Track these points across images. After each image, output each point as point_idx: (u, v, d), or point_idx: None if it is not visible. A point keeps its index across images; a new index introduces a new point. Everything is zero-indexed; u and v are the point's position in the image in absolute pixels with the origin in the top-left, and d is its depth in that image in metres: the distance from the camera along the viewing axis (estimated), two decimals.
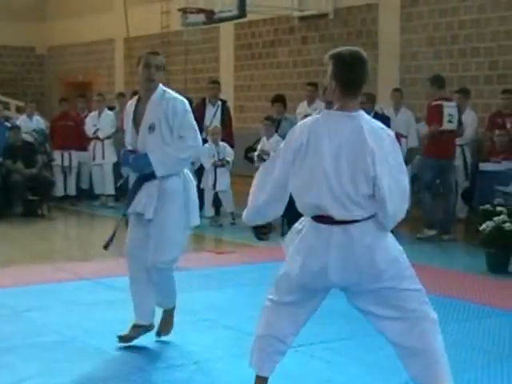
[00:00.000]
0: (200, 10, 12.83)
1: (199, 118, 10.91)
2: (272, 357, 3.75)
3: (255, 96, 11.59)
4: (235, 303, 6.26)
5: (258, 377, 3.79)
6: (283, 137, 9.37)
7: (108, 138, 12.55)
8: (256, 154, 10.02)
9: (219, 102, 11.37)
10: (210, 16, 12.72)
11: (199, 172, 10.66)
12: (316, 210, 3.48)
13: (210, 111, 11.26)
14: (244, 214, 3.77)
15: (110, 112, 12.77)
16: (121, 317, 5.44)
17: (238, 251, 8.50)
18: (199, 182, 10.66)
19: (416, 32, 11.66)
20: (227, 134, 11.01)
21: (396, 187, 3.45)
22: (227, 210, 10.51)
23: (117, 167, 12.52)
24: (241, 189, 10.87)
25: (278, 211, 3.68)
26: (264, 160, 9.87)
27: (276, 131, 10.01)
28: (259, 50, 14.52)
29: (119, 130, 12.57)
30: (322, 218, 3.47)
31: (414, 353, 3.52)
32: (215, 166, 10.42)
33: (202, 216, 10.53)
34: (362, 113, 3.50)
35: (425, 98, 10.89)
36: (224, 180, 10.51)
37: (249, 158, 10.30)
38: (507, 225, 7.32)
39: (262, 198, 3.64)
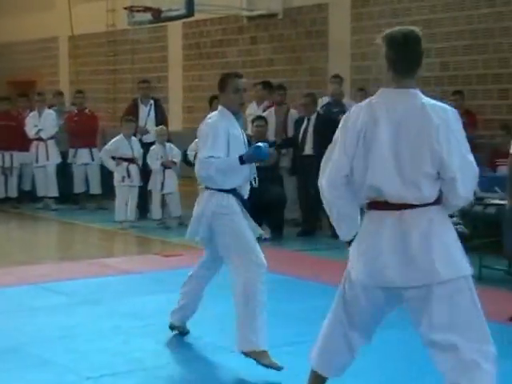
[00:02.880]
0: (147, 9, 12.68)
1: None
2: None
3: (204, 96, 11.50)
4: None
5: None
6: None
7: (51, 138, 12.31)
8: (194, 153, 10.04)
9: (151, 101, 11.34)
10: (157, 15, 12.59)
11: (146, 174, 10.55)
12: (372, 193, 3.33)
13: (143, 111, 11.25)
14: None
15: (51, 111, 12.52)
16: (64, 323, 5.31)
17: (185, 254, 8.40)
18: (146, 183, 10.57)
19: (367, 32, 11.71)
20: None
21: (466, 166, 3.30)
22: (174, 214, 10.42)
23: (61, 168, 12.32)
24: (188, 190, 10.80)
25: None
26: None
27: None
28: (208, 50, 14.44)
29: (62, 130, 12.39)
30: (379, 204, 3.32)
31: None
32: (163, 168, 10.31)
33: (149, 218, 10.56)
34: (419, 92, 3.37)
35: None
36: (171, 182, 10.41)
37: (187, 162, 10.30)
38: (459, 226, 7.36)
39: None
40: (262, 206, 9.30)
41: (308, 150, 9.73)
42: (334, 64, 12.10)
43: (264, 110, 10.74)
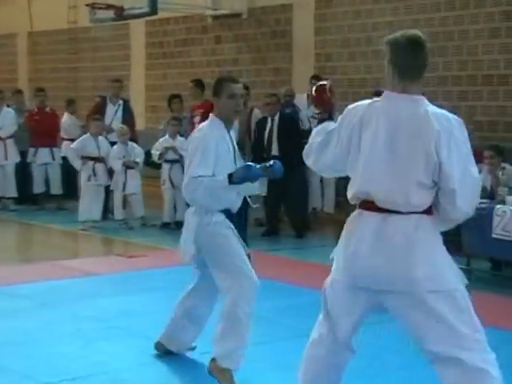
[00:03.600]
0: (109, 6, 12.62)
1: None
2: None
3: (168, 96, 11.47)
4: (146, 309, 6.13)
5: None
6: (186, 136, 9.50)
7: (10, 137, 12.14)
8: (158, 152, 10.04)
9: (121, 101, 11.29)
10: (120, 12, 12.53)
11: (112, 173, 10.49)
12: (361, 194, 3.26)
13: (110, 110, 11.18)
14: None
15: (9, 109, 12.35)
16: (23, 327, 5.26)
17: (149, 254, 8.38)
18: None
19: (330, 33, 11.80)
20: (130, 134, 10.88)
21: (467, 179, 3.17)
22: (137, 215, 10.37)
23: (20, 168, 12.16)
24: (151, 190, 10.77)
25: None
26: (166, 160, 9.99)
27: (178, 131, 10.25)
28: (171, 49, 14.40)
29: (22, 129, 12.23)
30: (367, 205, 3.24)
31: None
32: (126, 168, 10.25)
33: (111, 218, 10.49)
34: (425, 98, 3.30)
35: (340, 99, 10.99)
36: (134, 182, 10.35)
37: (150, 163, 10.28)
38: None
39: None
40: None
41: (274, 150, 9.73)
42: (298, 64, 12.16)
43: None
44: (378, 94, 11.40)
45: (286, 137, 9.67)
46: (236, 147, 4.71)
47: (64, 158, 11.70)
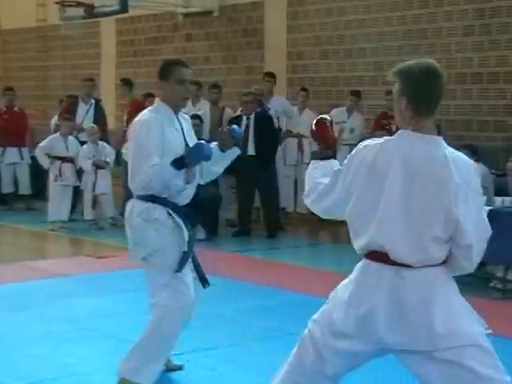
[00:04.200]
0: (79, 4, 12.56)
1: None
2: None
3: (138, 94, 11.43)
4: (116, 310, 6.10)
5: None
6: None
7: None
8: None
9: (92, 101, 11.23)
10: (90, 10, 12.47)
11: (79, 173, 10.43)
12: (373, 246, 2.99)
13: (82, 109, 11.13)
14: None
15: None
16: None
17: (119, 255, 8.31)
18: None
19: (302, 31, 11.82)
20: (102, 134, 10.83)
21: (480, 229, 3.01)
22: (107, 215, 10.32)
23: None
24: (122, 190, 10.70)
25: None
26: None
27: None
28: (142, 47, 14.34)
29: None
30: (378, 256, 2.98)
31: None
32: (96, 168, 10.18)
33: (81, 219, 10.42)
34: (440, 138, 3.04)
35: (313, 98, 11.03)
36: (104, 182, 10.29)
37: (120, 163, 10.22)
38: None
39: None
40: (196, 206, 9.28)
41: (251, 150, 9.68)
42: (269, 63, 12.17)
43: (199, 110, 10.71)
44: (355, 93, 11.46)
45: (262, 136, 9.63)
46: (192, 133, 4.42)
47: (33, 158, 11.61)
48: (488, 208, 5.71)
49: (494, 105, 9.88)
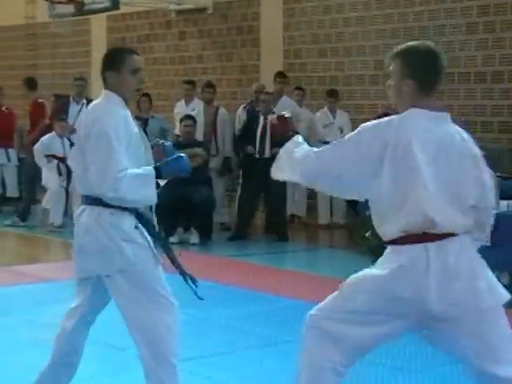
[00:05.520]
0: (69, 1, 12.50)
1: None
2: None
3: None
4: (106, 316, 6.01)
5: None
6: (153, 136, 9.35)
7: None
8: None
9: (84, 101, 11.19)
10: (80, 7, 12.41)
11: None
12: (418, 224, 3.01)
13: (73, 109, 11.09)
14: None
15: None
16: None
17: None
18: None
19: (299, 29, 11.78)
20: None
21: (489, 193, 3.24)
22: None
23: None
24: None
25: None
26: None
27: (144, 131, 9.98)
28: (134, 45, 14.26)
29: None
30: (415, 238, 3.01)
31: None
32: None
33: (70, 223, 10.34)
34: (447, 113, 3.19)
35: (310, 98, 11.00)
36: None
37: None
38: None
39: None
40: (190, 209, 9.23)
41: (267, 153, 9.51)
42: (265, 61, 12.12)
43: (193, 109, 10.67)
44: (331, 94, 11.34)
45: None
46: (141, 131, 3.98)
47: (20, 160, 11.57)
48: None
49: (499, 105, 9.84)
